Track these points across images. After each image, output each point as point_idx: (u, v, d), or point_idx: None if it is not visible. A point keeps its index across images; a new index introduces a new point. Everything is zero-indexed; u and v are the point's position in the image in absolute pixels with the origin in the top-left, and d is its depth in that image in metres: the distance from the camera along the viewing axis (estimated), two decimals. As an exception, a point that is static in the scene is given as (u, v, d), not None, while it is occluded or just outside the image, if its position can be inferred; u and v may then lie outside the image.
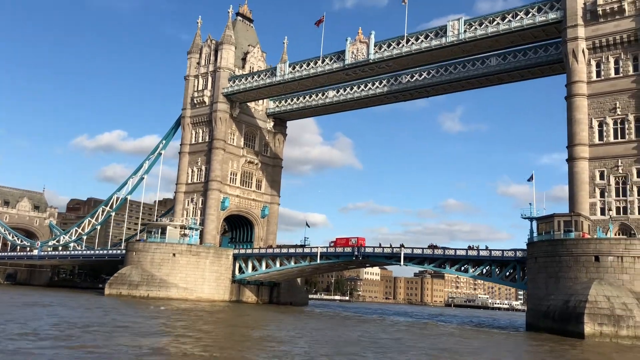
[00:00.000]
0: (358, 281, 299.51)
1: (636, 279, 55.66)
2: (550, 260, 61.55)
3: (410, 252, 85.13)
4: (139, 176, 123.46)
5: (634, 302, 54.01)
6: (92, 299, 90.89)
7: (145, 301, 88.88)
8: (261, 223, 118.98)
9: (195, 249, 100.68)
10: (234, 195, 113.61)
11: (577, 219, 61.60)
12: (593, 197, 69.59)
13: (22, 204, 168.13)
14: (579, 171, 70.35)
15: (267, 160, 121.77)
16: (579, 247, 58.73)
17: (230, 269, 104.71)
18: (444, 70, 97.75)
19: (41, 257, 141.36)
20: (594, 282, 56.18)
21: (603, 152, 70.04)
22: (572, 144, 71.50)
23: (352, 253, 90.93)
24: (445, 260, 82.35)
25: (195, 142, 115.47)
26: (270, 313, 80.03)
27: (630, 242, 56.88)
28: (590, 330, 52.83)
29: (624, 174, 68.18)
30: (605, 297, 54.35)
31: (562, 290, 58.89)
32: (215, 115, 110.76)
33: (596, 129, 71.12)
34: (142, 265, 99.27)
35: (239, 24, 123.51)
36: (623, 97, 69.87)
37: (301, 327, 55.56)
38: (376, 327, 62.78)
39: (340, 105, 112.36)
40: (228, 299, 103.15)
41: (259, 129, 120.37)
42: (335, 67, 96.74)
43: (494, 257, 77.05)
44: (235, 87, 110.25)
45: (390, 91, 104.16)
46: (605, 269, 56.86)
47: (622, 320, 52.82)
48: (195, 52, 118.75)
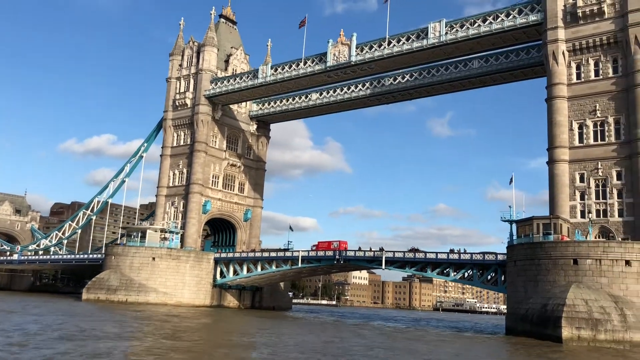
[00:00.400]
0: (346, 286, 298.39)
1: (614, 282, 55.02)
2: (529, 263, 60.82)
3: (391, 256, 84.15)
4: (120, 179, 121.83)
5: (612, 305, 53.33)
6: (68, 304, 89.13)
7: (124, 306, 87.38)
8: (244, 227, 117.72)
9: (175, 253, 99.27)
10: (215, 199, 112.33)
11: (556, 222, 60.96)
12: (573, 199, 69.08)
13: (3, 208, 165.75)
14: (559, 174, 69.85)
15: (250, 163, 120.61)
16: (558, 249, 58.05)
17: (212, 274, 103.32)
18: (426, 72, 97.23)
19: (21, 262, 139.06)
20: (572, 286, 55.47)
21: (583, 155, 69.59)
22: (553, 147, 71.03)
23: (334, 257, 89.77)
24: (426, 264, 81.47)
25: (177, 145, 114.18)
26: (248, 317, 78.83)
27: (608, 245, 56.26)
28: (568, 335, 52.06)
29: (604, 177, 67.72)
30: (583, 301, 53.63)
31: (540, 293, 58.16)
32: (197, 118, 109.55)
33: (576, 131, 70.69)
34: (121, 270, 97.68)
35: (222, 26, 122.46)
36: (603, 99, 69.48)
37: (272, 332, 54.44)
38: (351, 332, 61.72)
39: (324, 108, 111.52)
40: (209, 304, 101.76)
41: (242, 132, 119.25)
42: (317, 69, 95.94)
43: (475, 261, 76.28)
44: (217, 89, 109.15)
45: (373, 94, 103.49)
46: (584, 272, 56.18)
47: (600, 324, 52.11)
48: (177, 54, 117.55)
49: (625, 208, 65.82)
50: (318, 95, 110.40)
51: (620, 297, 54.15)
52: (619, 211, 66.30)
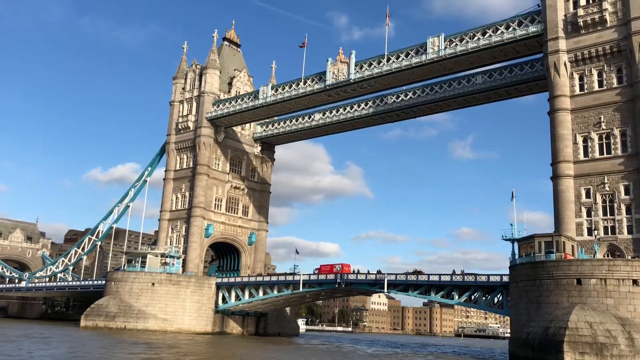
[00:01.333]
0: (364, 311, 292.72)
1: (621, 303, 51.31)
2: (531, 284, 57.33)
3: (393, 279, 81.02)
4: (125, 204, 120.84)
5: (619, 328, 49.55)
6: (65, 332, 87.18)
7: (121, 333, 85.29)
8: (248, 250, 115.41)
9: (175, 278, 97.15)
10: (218, 222, 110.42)
11: (559, 239, 57.50)
12: (579, 216, 65.50)
13: (15, 235, 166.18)
14: (564, 189, 66.44)
15: (254, 185, 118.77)
16: (560, 269, 54.57)
17: (213, 299, 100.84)
18: (429, 89, 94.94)
19: (29, 289, 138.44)
20: (576, 307, 51.87)
21: (588, 169, 66.18)
22: (556, 161, 67.76)
23: (335, 280, 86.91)
24: (430, 287, 78.09)
25: (180, 168, 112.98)
26: (247, 345, 75.84)
27: (614, 264, 52.65)
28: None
29: (611, 192, 64.13)
30: (587, 324, 49.96)
31: (543, 316, 54.57)
32: (199, 140, 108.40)
33: (581, 145, 67.39)
34: (121, 296, 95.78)
35: (225, 48, 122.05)
36: (608, 111, 66.26)
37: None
38: (341, 357, 58.58)
39: (327, 128, 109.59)
40: (211, 331, 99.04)
41: (246, 154, 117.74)
42: (316, 88, 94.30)
43: (479, 283, 72.74)
44: (219, 111, 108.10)
45: (375, 112, 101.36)
46: (588, 292, 52.58)
47: (605, 348, 48.35)
48: (180, 77, 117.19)
49: (635, 224, 62.03)
50: (321, 115, 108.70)
51: (627, 320, 50.37)
52: (628, 228, 62.50)
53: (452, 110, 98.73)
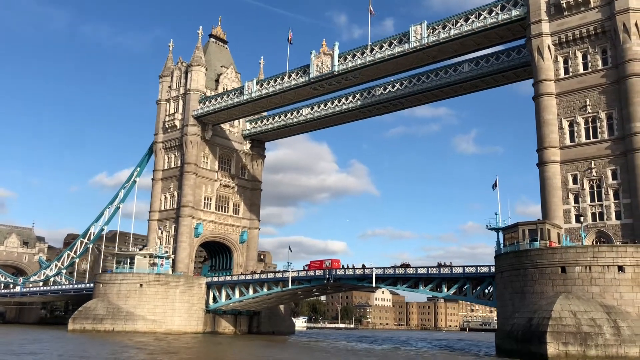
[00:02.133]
0: (367, 308, 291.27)
1: (607, 290, 49.47)
2: (516, 273, 55.56)
3: (381, 273, 79.37)
4: (115, 206, 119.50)
5: (604, 317, 47.73)
6: (52, 336, 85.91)
7: (110, 335, 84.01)
8: (240, 249, 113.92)
9: (164, 279, 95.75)
10: (208, 221, 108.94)
11: (543, 227, 55.69)
12: (567, 203, 63.64)
13: (10, 240, 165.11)
14: (550, 176, 64.58)
15: (245, 183, 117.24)
16: (544, 257, 52.77)
17: (204, 299, 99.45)
18: (416, 80, 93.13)
19: (23, 294, 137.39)
20: (560, 297, 50.08)
21: (575, 154, 64.30)
22: (542, 147, 65.91)
23: (323, 276, 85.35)
24: (418, 280, 76.40)
25: (168, 168, 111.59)
26: (234, 344, 74.28)
27: (598, 250, 50.80)
28: (553, 351, 46.60)
29: (598, 177, 62.25)
30: (571, 313, 48.16)
31: (527, 306, 52.80)
32: (186, 139, 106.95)
33: (567, 130, 65.51)
34: (109, 298, 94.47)
35: (212, 45, 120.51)
36: (593, 94, 64.34)
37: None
38: (328, 355, 56.97)
39: (315, 123, 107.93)
40: (202, 330, 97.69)
41: (235, 152, 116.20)
42: (300, 82, 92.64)
43: (467, 274, 70.96)
44: (205, 108, 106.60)
45: (363, 105, 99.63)
46: (573, 280, 50.77)
47: (589, 338, 46.54)
48: (166, 75, 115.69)
49: (623, 209, 60.15)
50: (309, 109, 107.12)
51: (613, 308, 48.55)
52: (616, 213, 60.61)
53: (440, 100, 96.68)
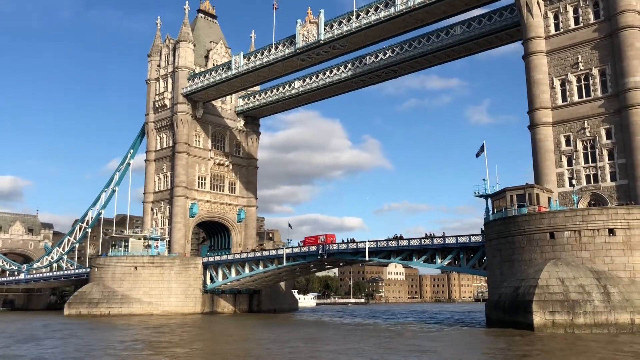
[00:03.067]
0: (380, 282, 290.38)
1: (597, 255, 46.87)
2: (504, 241, 53.11)
3: (375, 246, 77.31)
4: (111, 189, 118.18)
5: (594, 283, 45.22)
6: (47, 321, 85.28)
7: (106, 319, 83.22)
8: (238, 228, 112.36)
9: (158, 260, 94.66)
10: (203, 201, 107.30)
11: (531, 192, 52.95)
12: (560, 166, 60.70)
13: (15, 228, 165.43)
14: (542, 138, 61.56)
15: (240, 161, 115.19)
16: (532, 223, 50.18)
17: (201, 279, 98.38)
18: (408, 46, 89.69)
19: (27, 281, 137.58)
20: (548, 263, 47.62)
21: (568, 114, 61.13)
22: (533, 109, 62.77)
23: (317, 252, 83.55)
24: (412, 252, 74.21)
25: (160, 148, 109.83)
26: (227, 324, 72.89)
27: (588, 213, 48.09)
28: (540, 321, 44.32)
29: (592, 137, 59.15)
30: (559, 280, 45.72)
31: (515, 275, 50.42)
32: (176, 118, 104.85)
33: (558, 89, 62.24)
34: (104, 282, 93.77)
35: (200, 21, 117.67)
36: (585, 50, 60.85)
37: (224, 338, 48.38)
38: (324, 329, 55.16)
39: (308, 95, 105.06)
40: (200, 311, 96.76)
41: (229, 129, 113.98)
42: (287, 53, 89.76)
43: (461, 244, 68.55)
44: (194, 85, 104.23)
45: (355, 74, 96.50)
46: (562, 246, 48.20)
47: (577, 305, 44.14)
48: (155, 54, 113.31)
49: (618, 170, 57.14)
50: (301, 82, 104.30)
51: (604, 273, 46.00)
52: (611, 174, 57.63)
53: (434, 66, 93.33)
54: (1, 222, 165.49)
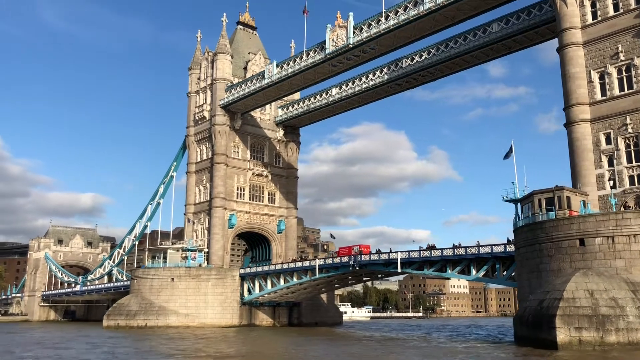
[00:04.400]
0: (441, 295, 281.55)
1: (634, 264, 41.57)
2: (531, 249, 48.36)
3: (406, 257, 73.38)
4: (156, 202, 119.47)
5: (628, 295, 40.01)
6: (88, 333, 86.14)
7: (142, 331, 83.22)
8: (278, 239, 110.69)
9: (195, 272, 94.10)
10: (242, 212, 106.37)
11: (561, 194, 47.99)
12: (599, 167, 55.13)
13: (75, 241, 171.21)
14: (579, 137, 56.23)
15: (280, 171, 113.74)
16: (560, 229, 45.31)
17: (238, 291, 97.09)
18: (444, 47, 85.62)
19: (82, 292, 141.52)
20: (577, 274, 42.67)
21: (607, 110, 55.58)
22: (569, 105, 57.53)
23: (349, 263, 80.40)
24: (446, 263, 69.81)
25: (200, 160, 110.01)
26: (259, 337, 70.90)
27: (622, 217, 42.84)
28: (564, 338, 39.52)
29: (635, 134, 53.40)
30: (587, 292, 40.75)
31: (542, 287, 45.58)
32: (214, 129, 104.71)
33: (597, 83, 56.80)
34: (142, 293, 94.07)
35: (239, 32, 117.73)
36: (626, 38, 55.28)
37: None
38: (351, 345, 52.26)
39: (345, 103, 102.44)
40: (237, 324, 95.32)
41: (268, 139, 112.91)
42: (317, 59, 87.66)
43: (496, 254, 63.67)
44: (231, 97, 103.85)
45: (390, 79, 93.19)
46: (593, 254, 43.14)
47: (608, 321, 39.07)
48: (195, 67, 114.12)
49: (666, 169, 51.24)
50: (338, 89, 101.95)
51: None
52: (658, 174, 51.76)
53: (473, 67, 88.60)
54: (62, 236, 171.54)
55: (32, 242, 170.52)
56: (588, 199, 53.22)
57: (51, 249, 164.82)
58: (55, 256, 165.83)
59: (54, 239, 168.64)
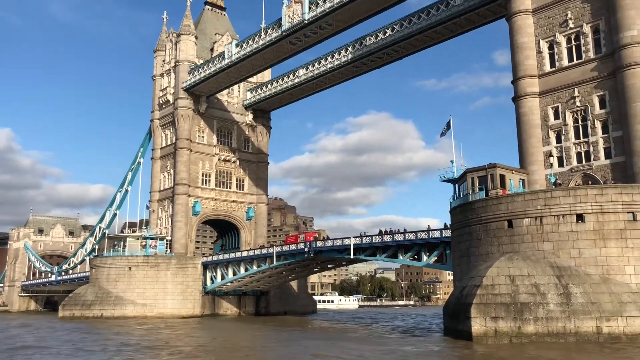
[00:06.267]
0: (437, 283, 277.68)
1: (562, 247, 37.65)
2: (461, 232, 44.61)
3: (359, 242, 69.75)
4: (124, 189, 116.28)
5: (552, 282, 36.17)
6: (41, 323, 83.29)
7: (97, 321, 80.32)
8: (247, 226, 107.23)
9: (153, 260, 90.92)
10: (208, 198, 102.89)
11: (494, 172, 44.09)
12: (547, 143, 51.14)
13: (55, 231, 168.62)
14: (527, 112, 52.21)
15: (249, 157, 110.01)
16: (488, 209, 41.45)
17: (200, 280, 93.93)
18: (407, 22, 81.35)
19: (57, 282, 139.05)
20: (501, 258, 38.88)
21: (556, 82, 51.46)
22: (517, 77, 53.49)
23: (304, 250, 76.92)
24: (397, 248, 66.12)
25: (165, 145, 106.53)
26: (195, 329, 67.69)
27: (551, 196, 38.86)
28: (479, 329, 35.80)
29: (583, 107, 49.30)
30: (508, 278, 36.97)
31: (469, 273, 41.82)
32: (177, 113, 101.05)
33: (546, 53, 52.64)
34: (99, 283, 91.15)
35: (207, 13, 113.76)
36: (575, 4, 51.01)
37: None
38: (291, 333, 48.83)
39: (313, 84, 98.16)
40: (200, 313, 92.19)
41: (236, 124, 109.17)
42: (274, 37, 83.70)
43: (445, 239, 59.80)
44: (194, 79, 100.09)
45: (354, 57, 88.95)
46: (521, 237, 39.28)
47: (527, 310, 35.29)
48: (160, 49, 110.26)
49: (613, 145, 47.10)
50: (304, 70, 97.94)
51: (568, 269, 36.81)
52: (605, 150, 47.64)
53: (438, 44, 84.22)
54: (43, 225, 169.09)
55: (13, 231, 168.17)
56: (536, 179, 49.38)
57: (31, 239, 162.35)
58: (36, 246, 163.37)
59: (34, 228, 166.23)
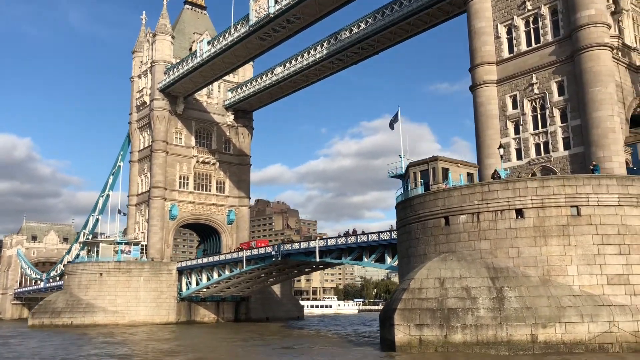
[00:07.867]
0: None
1: (499, 246, 33.87)
2: (403, 231, 40.99)
3: (324, 245, 66.32)
4: (106, 194, 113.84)
5: (485, 285, 32.41)
6: (11, 331, 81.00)
7: (67, 330, 77.78)
8: (228, 230, 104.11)
9: (125, 266, 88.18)
10: (186, 202, 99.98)
11: (435, 166, 40.52)
12: (505, 135, 47.36)
13: (49, 238, 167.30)
14: (484, 101, 48.51)
15: (230, 158, 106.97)
16: (426, 206, 37.78)
17: (175, 285, 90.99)
18: (380, 15, 78.01)
19: (45, 289, 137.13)
20: (434, 259, 35.22)
21: (514, 68, 47.70)
22: (474, 65, 49.79)
23: (272, 253, 73.68)
24: (362, 250, 62.53)
25: (142, 148, 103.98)
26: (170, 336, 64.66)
27: (488, 189, 35.10)
28: (402, 338, 32.16)
29: (542, 94, 45.46)
30: (437, 282, 33.29)
31: (408, 275, 38.16)
32: (153, 114, 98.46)
33: (504, 38, 48.92)
34: (71, 290, 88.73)
35: (187, 12, 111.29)
36: (533, -17, 47.26)
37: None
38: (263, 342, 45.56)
39: (291, 82, 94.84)
40: (175, 320, 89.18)
41: (216, 125, 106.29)
42: (242, 32, 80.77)
43: (408, 240, 56.03)
44: (168, 79, 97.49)
45: (329, 53, 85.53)
46: (457, 235, 35.55)
47: (454, 317, 31.56)
48: (139, 50, 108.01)
49: (572, 135, 43.22)
50: (282, 68, 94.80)
51: (505, 270, 33.02)
52: (564, 141, 43.77)
53: (416, 35, 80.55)
54: (36, 232, 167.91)
55: (6, 238, 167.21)
56: (491, 173, 45.52)
57: (24, 246, 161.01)
58: (29, 253, 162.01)
59: (27, 235, 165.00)
